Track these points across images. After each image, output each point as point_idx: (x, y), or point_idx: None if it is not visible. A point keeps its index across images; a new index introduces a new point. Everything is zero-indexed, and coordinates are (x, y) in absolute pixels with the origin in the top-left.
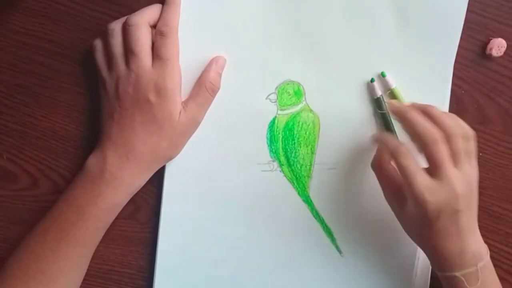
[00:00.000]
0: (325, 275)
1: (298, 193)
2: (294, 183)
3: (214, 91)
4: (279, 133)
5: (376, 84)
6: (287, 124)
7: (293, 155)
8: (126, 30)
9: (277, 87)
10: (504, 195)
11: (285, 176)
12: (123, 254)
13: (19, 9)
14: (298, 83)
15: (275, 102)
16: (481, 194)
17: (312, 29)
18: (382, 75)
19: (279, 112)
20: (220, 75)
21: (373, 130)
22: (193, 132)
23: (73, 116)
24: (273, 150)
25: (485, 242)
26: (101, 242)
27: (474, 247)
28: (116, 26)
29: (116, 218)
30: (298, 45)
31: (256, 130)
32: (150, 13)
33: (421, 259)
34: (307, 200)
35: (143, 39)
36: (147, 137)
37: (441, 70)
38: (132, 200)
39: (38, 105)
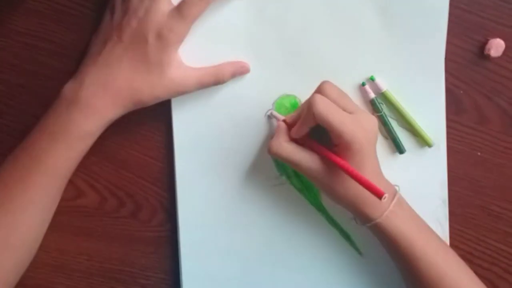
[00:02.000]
0: (348, 279)
1: (311, 202)
2: (305, 193)
3: (217, 82)
4: None
5: (367, 87)
6: None
7: None
8: None
9: (274, 102)
10: (503, 194)
11: (295, 188)
12: (125, 253)
13: (20, 10)
14: (294, 95)
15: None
16: (479, 193)
17: (300, 41)
18: (371, 79)
19: None
20: (232, 77)
21: None
22: (174, 96)
23: None
24: (280, 164)
25: (484, 241)
26: (102, 241)
27: (388, 189)
28: None
29: (117, 217)
30: (288, 59)
31: (259, 148)
32: None
33: None
34: (321, 208)
35: None
36: (131, 75)
37: (432, 67)
38: (133, 200)
39: (40, 105)
